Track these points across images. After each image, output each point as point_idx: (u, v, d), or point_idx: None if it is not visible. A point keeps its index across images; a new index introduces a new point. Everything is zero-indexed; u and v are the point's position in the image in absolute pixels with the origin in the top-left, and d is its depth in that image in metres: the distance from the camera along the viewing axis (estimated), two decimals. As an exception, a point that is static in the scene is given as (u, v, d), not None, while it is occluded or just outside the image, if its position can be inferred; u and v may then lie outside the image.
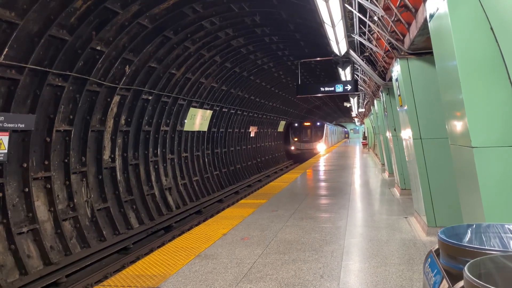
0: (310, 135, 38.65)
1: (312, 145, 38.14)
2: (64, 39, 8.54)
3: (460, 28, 3.24)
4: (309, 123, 39.35)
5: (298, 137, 38.58)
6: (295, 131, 38.81)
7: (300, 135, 38.74)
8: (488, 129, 3.16)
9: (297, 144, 38.48)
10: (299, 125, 39.27)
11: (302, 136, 38.66)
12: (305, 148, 37.94)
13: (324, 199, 9.75)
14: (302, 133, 38.76)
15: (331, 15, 6.44)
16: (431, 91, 5.92)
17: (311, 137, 38.53)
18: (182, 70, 13.94)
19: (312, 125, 39.30)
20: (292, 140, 38.49)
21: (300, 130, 38.91)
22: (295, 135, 38.70)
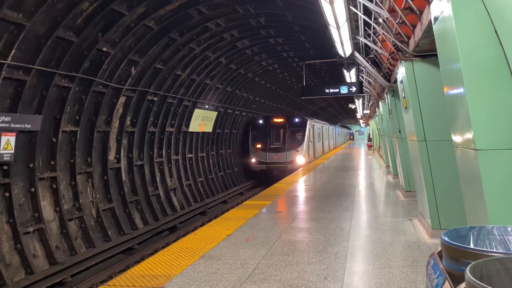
0: (282, 139, 23.17)
1: (285, 155, 22.64)
2: (71, 41, 8.61)
3: (465, 31, 3.25)
4: (281, 120, 23.64)
5: (262, 143, 22.98)
6: (258, 133, 23.33)
7: (266, 139, 23.06)
8: (492, 131, 3.16)
9: (260, 155, 22.85)
10: (265, 123, 23.48)
11: (268, 141, 23.07)
12: (273, 160, 22.64)
13: (329, 201, 9.74)
14: (269, 136, 23.21)
15: (336, 17, 6.45)
16: (436, 93, 5.91)
17: (284, 143, 23.02)
18: (188, 71, 13.99)
19: (285, 122, 23.52)
20: (252, 147, 23.02)
21: (265, 132, 23.25)
22: (257, 139, 23.18)
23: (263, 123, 23.41)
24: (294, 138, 23.19)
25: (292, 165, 22.08)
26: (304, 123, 23.42)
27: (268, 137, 23.04)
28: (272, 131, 23.27)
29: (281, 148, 22.78)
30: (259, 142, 23.04)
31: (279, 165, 22.40)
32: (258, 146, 22.87)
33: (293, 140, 23.12)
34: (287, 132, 23.03)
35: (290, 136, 23.08)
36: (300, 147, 22.73)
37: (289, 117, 23.89)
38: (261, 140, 23.04)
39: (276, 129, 23.34)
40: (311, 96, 17.64)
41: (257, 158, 22.73)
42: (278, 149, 22.79)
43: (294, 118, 23.60)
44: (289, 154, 22.52)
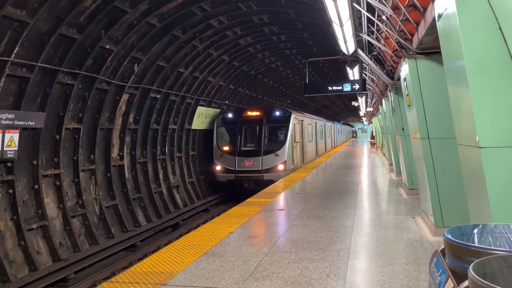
0: (257, 139, 17.20)
1: (260, 161, 16.64)
2: (74, 38, 8.63)
3: (469, 28, 3.23)
4: (257, 113, 17.73)
5: (229, 145, 17.22)
6: (225, 130, 17.77)
7: (235, 139, 17.21)
8: (496, 129, 3.15)
9: (226, 161, 16.95)
10: (235, 118, 17.72)
11: (238, 142, 17.11)
12: (244, 168, 16.67)
13: (331, 198, 9.74)
14: (240, 135, 17.28)
15: (339, 14, 6.43)
16: (439, 91, 5.88)
17: (259, 144, 17.00)
18: (190, 68, 14.00)
19: (262, 116, 17.51)
20: (217, 150, 17.24)
21: (235, 129, 17.39)
22: (223, 139, 17.58)
23: (232, 118, 17.37)
24: (273, 138, 17.25)
25: (270, 174, 15.95)
26: (287, 118, 17.25)
27: (238, 137, 16.86)
28: (244, 128, 17.14)
29: (255, 152, 16.55)
30: (226, 143, 17.08)
31: (253, 175, 16.17)
32: (224, 148, 16.82)
33: (272, 141, 17.15)
34: (264, 130, 16.93)
35: (268, 135, 17.08)
36: (281, 150, 16.45)
37: (267, 109, 17.80)
38: (229, 141, 17.07)
39: (250, 126, 17.21)
40: (314, 93, 17.67)
41: (223, 165, 16.54)
42: (251, 152, 16.58)
43: (273, 111, 17.52)
44: (266, 160, 16.26)
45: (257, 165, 16.43)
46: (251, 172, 16.35)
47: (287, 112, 17.74)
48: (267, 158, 16.48)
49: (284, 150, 16.67)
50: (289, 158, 16.86)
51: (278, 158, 16.48)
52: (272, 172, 16.21)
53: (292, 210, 8.42)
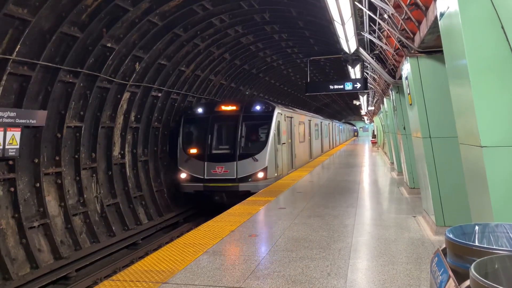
0: (232, 140, 13.93)
1: (234, 168, 13.16)
2: (75, 36, 8.63)
3: (471, 27, 3.22)
4: (232, 107, 14.37)
5: (197, 147, 13.88)
6: (193, 129, 14.65)
7: (204, 140, 13.88)
8: (497, 128, 3.14)
9: (193, 166, 13.55)
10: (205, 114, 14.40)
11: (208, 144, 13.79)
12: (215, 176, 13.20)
13: (332, 197, 9.74)
14: (211, 134, 13.97)
15: (341, 13, 6.42)
16: (441, 90, 5.87)
17: (234, 147, 13.63)
18: (192, 67, 13.99)
19: (238, 112, 14.14)
20: (182, 154, 13.93)
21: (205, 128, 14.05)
22: (190, 140, 14.35)
23: (202, 113, 14.09)
24: (251, 138, 14.01)
25: (247, 183, 12.81)
26: (269, 114, 13.79)
27: (209, 137, 13.58)
28: (216, 126, 13.95)
29: (228, 156, 13.24)
30: (193, 145, 13.75)
31: (225, 184, 12.84)
32: (191, 151, 13.52)
33: (250, 142, 13.91)
34: (241, 128, 13.56)
35: (245, 135, 13.72)
36: (260, 154, 13.09)
37: (245, 103, 14.36)
38: (197, 142, 13.79)
39: (223, 123, 14.11)
40: (315, 92, 17.64)
41: (189, 172, 13.24)
42: (224, 156, 13.30)
43: (252, 105, 14.06)
44: (242, 166, 12.97)
45: (231, 172, 12.91)
46: (224, 181, 12.88)
47: (269, 107, 14.04)
48: (243, 164, 12.97)
49: (264, 153, 13.11)
50: (271, 164, 13.29)
51: (257, 163, 12.97)
52: (249, 181, 12.83)
53: (293, 208, 8.42)
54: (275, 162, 13.64)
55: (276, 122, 13.83)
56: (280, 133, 14.48)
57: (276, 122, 13.83)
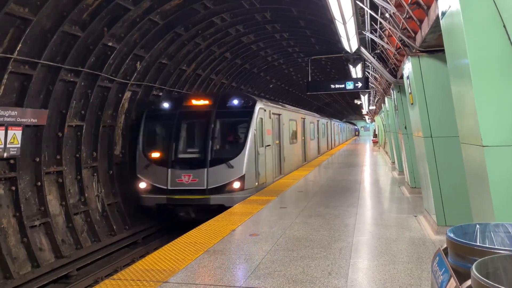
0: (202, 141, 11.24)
1: (204, 176, 10.51)
2: (77, 35, 8.63)
3: (472, 26, 3.21)
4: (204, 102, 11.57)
5: (161, 150, 11.26)
6: (159, 128, 11.94)
7: (169, 141, 11.23)
8: (499, 128, 3.13)
9: (156, 174, 10.86)
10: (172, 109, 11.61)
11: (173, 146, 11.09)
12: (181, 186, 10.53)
13: (333, 197, 9.73)
14: (177, 134, 11.30)
15: (342, 12, 6.41)
16: (442, 89, 5.86)
17: (204, 149, 10.93)
18: (193, 66, 13.99)
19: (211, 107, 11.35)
20: (142, 158, 11.20)
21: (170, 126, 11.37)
22: (152, 141, 11.70)
23: (168, 109, 11.55)
24: (227, 140, 11.70)
25: (220, 195, 10.42)
26: (249, 109, 11.24)
27: (174, 137, 11.13)
28: (184, 125, 11.55)
29: (197, 161, 10.83)
30: (156, 147, 11.34)
31: (193, 197, 10.44)
32: (153, 155, 11.09)
33: (225, 144, 11.64)
34: (214, 127, 11.09)
35: (219, 136, 11.41)
36: (237, 158, 10.68)
37: (219, 97, 11.92)
38: (160, 144, 11.48)
39: (192, 121, 11.77)
40: (316, 91, 17.63)
41: (150, 181, 10.82)
42: (192, 162, 10.92)
43: (229, 100, 11.46)
44: (214, 174, 10.55)
45: (200, 181, 10.35)
46: (191, 192, 10.35)
47: (249, 101, 11.47)
48: (215, 171, 10.43)
49: (242, 158, 10.57)
50: (250, 171, 10.71)
51: (233, 171, 10.44)
52: (222, 192, 10.29)
53: (294, 208, 8.42)
54: (255, 168, 10.99)
55: (257, 120, 11.17)
56: (263, 133, 11.89)
57: (257, 119, 11.17)
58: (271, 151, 12.92)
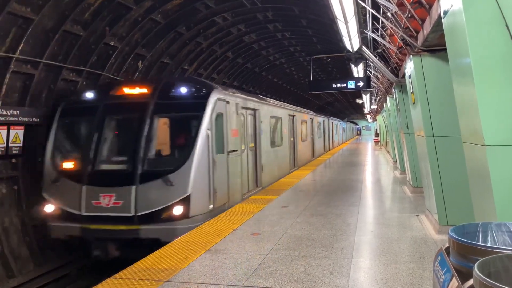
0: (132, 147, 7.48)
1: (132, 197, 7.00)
2: (78, 35, 8.64)
3: (475, 25, 3.20)
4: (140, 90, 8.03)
5: (75, 160, 7.81)
6: (77, 127, 8.34)
7: (88, 147, 7.65)
8: (501, 127, 3.12)
9: (66, 193, 7.39)
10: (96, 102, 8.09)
11: (92, 155, 7.58)
12: (102, 212, 7.03)
13: (335, 196, 9.73)
14: (100, 137, 7.72)
15: (344, 11, 6.40)
16: (445, 88, 5.86)
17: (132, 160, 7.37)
18: (194, 66, 13.99)
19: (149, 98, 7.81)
20: (52, 169, 7.71)
21: (92, 125, 7.84)
22: (69, 148, 8.10)
23: (91, 102, 8.30)
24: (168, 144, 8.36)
25: (154, 226, 7.03)
26: (201, 101, 7.94)
27: (94, 141, 7.82)
28: (109, 123, 8.20)
29: (123, 175, 7.48)
30: (69, 155, 8.16)
31: (116, 228, 7.10)
32: (64, 166, 7.89)
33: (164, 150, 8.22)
34: (149, 126, 7.69)
35: (155, 138, 7.84)
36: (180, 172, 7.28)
37: (161, 85, 8.37)
38: (76, 150, 8.24)
39: (121, 118, 8.46)
40: (318, 91, 17.62)
41: (58, 203, 7.53)
42: (116, 177, 7.62)
43: (174, 88, 8.16)
44: (146, 194, 7.17)
45: (126, 205, 7.11)
46: (113, 220, 7.13)
47: (202, 90, 8.25)
48: (148, 190, 7.18)
49: (186, 170, 7.27)
50: (199, 189, 7.39)
51: (173, 190, 7.15)
52: (158, 221, 7.03)
53: (295, 207, 8.42)
54: (209, 184, 7.57)
55: (213, 116, 7.82)
56: (225, 134, 8.57)
57: (213, 115, 7.81)
58: (240, 158, 9.55)
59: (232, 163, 8.98)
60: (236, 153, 9.28)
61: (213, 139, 7.82)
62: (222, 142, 8.50)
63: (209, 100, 7.88)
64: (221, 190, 8.22)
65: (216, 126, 8.06)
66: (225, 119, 8.68)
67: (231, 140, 8.96)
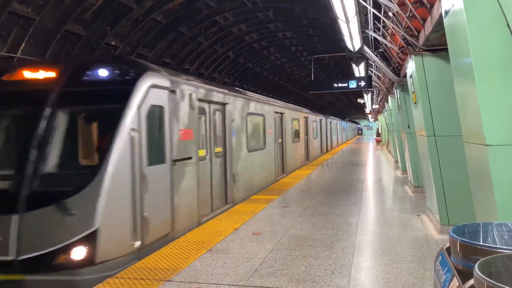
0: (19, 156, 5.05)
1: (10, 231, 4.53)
2: (80, 34, 8.66)
3: (476, 25, 3.20)
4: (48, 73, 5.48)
5: None
6: None
7: None
8: (502, 127, 3.12)
9: None
10: None
11: None
12: None
13: (336, 196, 9.72)
14: None
15: (345, 11, 6.40)
16: (446, 88, 5.85)
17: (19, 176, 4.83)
18: (195, 65, 14.00)
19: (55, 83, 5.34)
20: None
21: None
22: None
23: None
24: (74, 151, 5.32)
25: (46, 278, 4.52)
26: (123, 88, 5.47)
27: None
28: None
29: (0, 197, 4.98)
30: None
31: None
32: None
33: (66, 160, 5.22)
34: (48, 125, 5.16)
35: (53, 143, 5.12)
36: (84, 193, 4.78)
37: (74, 67, 5.76)
38: None
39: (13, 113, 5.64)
40: (319, 90, 17.61)
41: None
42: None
43: (90, 71, 5.59)
44: (33, 227, 4.65)
45: (2, 243, 4.65)
46: None
47: (127, 72, 5.77)
48: (37, 221, 4.74)
49: (93, 192, 4.82)
50: (114, 221, 5.00)
51: (72, 221, 4.72)
52: (50, 269, 4.60)
53: (296, 207, 8.42)
54: (133, 211, 5.28)
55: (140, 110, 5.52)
56: (167, 137, 6.22)
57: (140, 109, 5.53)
58: (197, 168, 7.06)
59: (181, 176, 6.48)
60: (188, 162, 6.74)
61: (142, 144, 5.46)
62: (161, 148, 5.99)
63: (137, 86, 5.46)
64: (158, 216, 5.79)
65: (149, 125, 5.62)
66: (167, 115, 6.12)
67: (178, 144, 6.41)
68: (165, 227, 6.01)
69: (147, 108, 5.62)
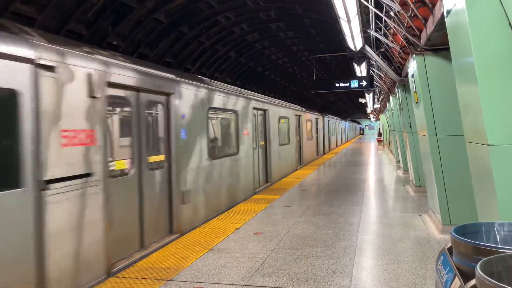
0: None
1: None
2: (81, 34, 8.66)
3: (478, 24, 3.19)
4: None
5: None
6: None
7: None
8: (504, 126, 3.12)
9: None
10: None
11: None
12: None
13: (338, 195, 9.72)
14: None
15: (347, 10, 6.40)
16: (448, 88, 5.84)
17: None
18: (197, 65, 14.00)
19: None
20: None
21: None
22: None
23: None
24: None
25: None
26: None
27: None
28: None
29: None
30: None
31: None
32: None
33: None
34: None
35: None
36: None
37: None
38: None
39: None
40: (321, 90, 17.58)
41: None
42: None
43: None
44: None
45: None
46: None
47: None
48: None
49: None
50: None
51: None
52: None
53: (298, 206, 8.42)
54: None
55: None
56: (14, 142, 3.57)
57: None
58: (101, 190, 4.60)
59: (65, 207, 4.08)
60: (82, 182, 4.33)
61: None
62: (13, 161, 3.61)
63: None
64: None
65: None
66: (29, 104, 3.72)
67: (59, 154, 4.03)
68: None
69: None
